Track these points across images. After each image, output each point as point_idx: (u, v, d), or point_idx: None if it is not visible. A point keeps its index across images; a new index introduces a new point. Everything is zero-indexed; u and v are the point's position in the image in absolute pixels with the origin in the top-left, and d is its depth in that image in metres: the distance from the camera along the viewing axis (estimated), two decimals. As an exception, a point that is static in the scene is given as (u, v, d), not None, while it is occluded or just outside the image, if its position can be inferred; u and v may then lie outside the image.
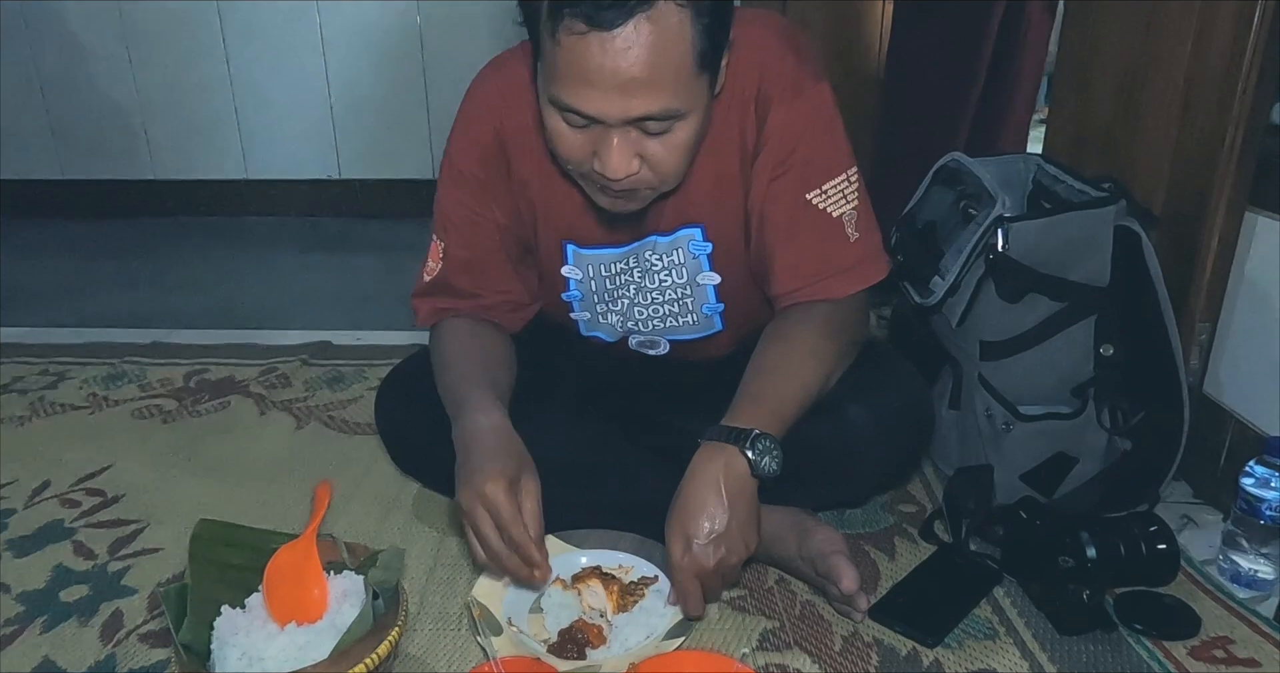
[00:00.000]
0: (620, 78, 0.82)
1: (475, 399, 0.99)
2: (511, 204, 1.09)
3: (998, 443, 1.18)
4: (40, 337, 1.90)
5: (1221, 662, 0.92)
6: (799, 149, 1.01)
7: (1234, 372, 1.19)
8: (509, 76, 1.05)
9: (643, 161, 0.90)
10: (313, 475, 1.30)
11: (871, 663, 0.93)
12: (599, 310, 1.15)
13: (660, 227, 1.07)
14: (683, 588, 0.91)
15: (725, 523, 0.90)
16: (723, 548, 0.90)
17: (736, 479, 0.91)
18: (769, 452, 0.91)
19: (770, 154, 1.01)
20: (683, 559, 0.90)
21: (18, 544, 1.17)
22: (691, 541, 0.90)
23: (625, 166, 0.88)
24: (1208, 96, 1.17)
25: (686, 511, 0.91)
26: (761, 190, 1.03)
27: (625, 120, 0.85)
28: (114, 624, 1.01)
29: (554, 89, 0.86)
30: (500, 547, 0.90)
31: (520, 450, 0.95)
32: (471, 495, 0.90)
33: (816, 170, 1.02)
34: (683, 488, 0.92)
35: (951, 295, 1.18)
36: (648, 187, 0.93)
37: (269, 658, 0.83)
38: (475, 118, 1.07)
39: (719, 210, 1.06)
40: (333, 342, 1.85)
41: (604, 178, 0.90)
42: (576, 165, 0.93)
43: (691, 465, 0.93)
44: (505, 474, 0.90)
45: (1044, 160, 1.28)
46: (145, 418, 1.52)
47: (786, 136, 1.00)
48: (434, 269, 1.12)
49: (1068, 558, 0.97)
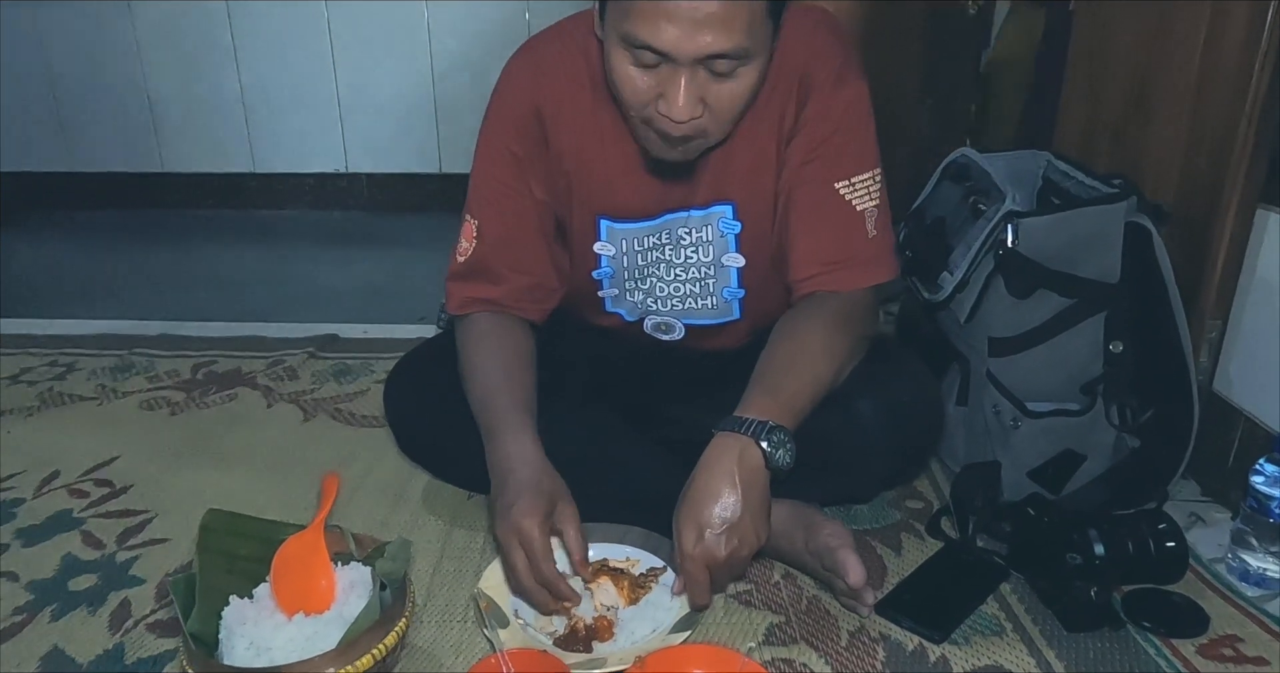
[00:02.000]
0: (698, 13, 0.83)
1: (510, 423, 1.01)
2: (548, 179, 1.10)
3: (1005, 440, 1.17)
4: (48, 328, 1.91)
5: (1230, 660, 0.92)
6: (834, 138, 1.03)
7: (1244, 369, 1.18)
8: (542, 56, 1.07)
9: (705, 108, 0.91)
10: (320, 467, 1.30)
11: (878, 658, 0.93)
12: (627, 288, 1.16)
13: (695, 200, 1.08)
14: (692, 577, 0.91)
15: (738, 514, 0.89)
16: (735, 539, 0.89)
17: (751, 470, 0.91)
18: (783, 444, 0.91)
19: (805, 139, 1.03)
20: (694, 549, 0.90)
21: (27, 533, 1.17)
22: (704, 530, 0.89)
23: (691, 108, 0.89)
24: (1220, 93, 1.16)
25: (699, 500, 0.91)
26: (792, 173, 1.05)
27: (698, 56, 0.86)
28: (122, 614, 1.01)
29: (628, 26, 0.87)
30: (530, 583, 0.93)
31: (554, 479, 0.97)
32: (507, 530, 0.92)
33: (848, 162, 1.04)
34: (695, 477, 0.92)
35: (960, 291, 1.18)
36: (703, 135, 0.94)
37: (276, 648, 0.83)
38: (512, 94, 1.08)
39: (752, 189, 1.07)
40: (340, 335, 1.85)
41: (667, 121, 0.90)
42: (639, 109, 0.93)
43: (705, 455, 0.93)
44: (540, 509, 0.92)
45: (1054, 156, 1.28)
46: (153, 410, 1.53)
47: (824, 124, 1.03)
48: (468, 249, 1.12)
49: (1076, 555, 0.96)
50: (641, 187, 1.07)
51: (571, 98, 1.06)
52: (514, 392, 1.04)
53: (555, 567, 0.92)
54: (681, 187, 1.07)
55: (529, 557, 0.92)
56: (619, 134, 1.05)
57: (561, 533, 0.95)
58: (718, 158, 1.05)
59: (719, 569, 0.91)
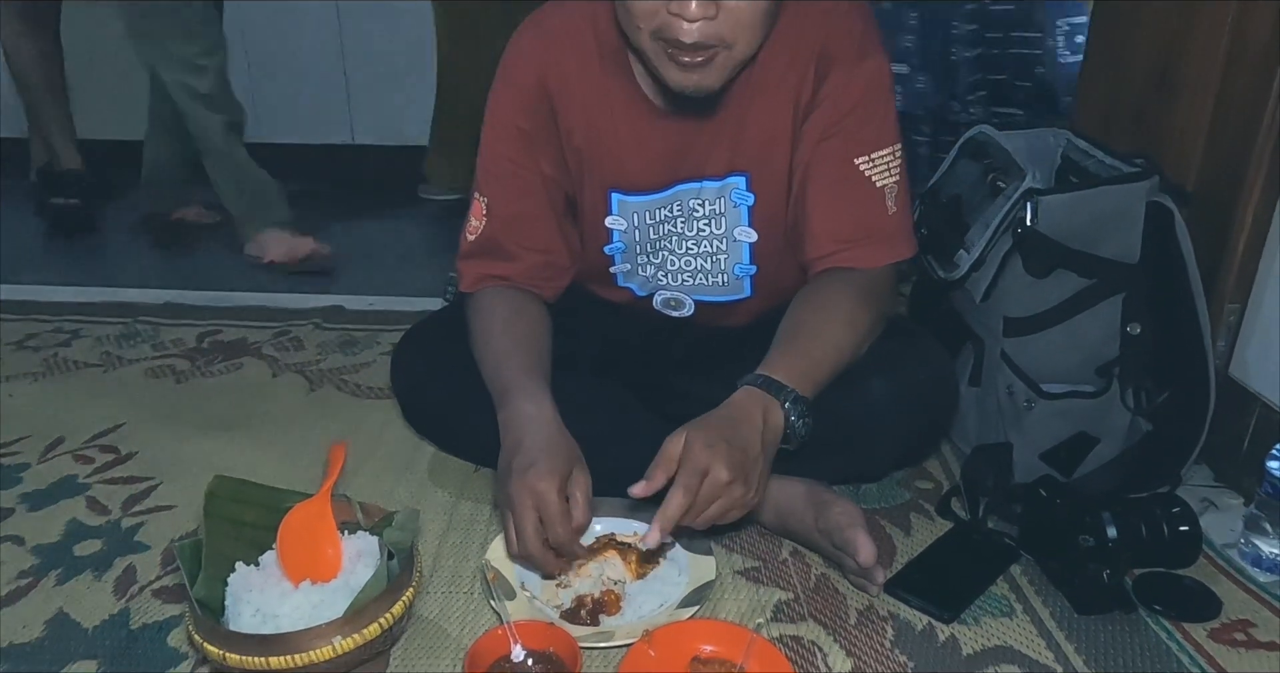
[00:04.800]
0: None
1: (524, 386, 0.99)
2: (558, 154, 1.08)
3: (1018, 421, 1.16)
4: (53, 295, 1.90)
5: (1242, 645, 0.91)
6: (854, 113, 1.01)
7: (1261, 355, 1.17)
8: (549, 28, 1.05)
9: (719, 10, 0.87)
10: (325, 438, 1.30)
11: (886, 637, 0.92)
12: (639, 262, 1.15)
13: (708, 171, 1.06)
14: (685, 481, 0.84)
15: (751, 456, 0.87)
16: (738, 474, 0.85)
17: (771, 430, 0.89)
18: (803, 415, 0.90)
19: (823, 114, 1.02)
20: (701, 459, 0.84)
21: (32, 498, 1.17)
22: (714, 448, 0.85)
23: (703, 8, 0.85)
24: (1246, 74, 1.14)
25: (717, 424, 0.87)
26: (809, 149, 1.03)
27: None
28: (127, 579, 1.01)
29: None
30: (536, 544, 0.90)
31: (571, 445, 0.95)
32: (523, 489, 0.90)
33: (868, 137, 1.02)
34: (714, 412, 0.90)
35: (976, 270, 1.16)
36: (720, 43, 0.89)
37: (283, 616, 0.83)
38: (518, 69, 1.06)
39: (766, 162, 1.05)
40: (345, 306, 1.84)
41: (680, 22, 0.87)
42: (650, 19, 0.89)
43: (729, 401, 0.91)
44: (559, 472, 0.91)
45: (1073, 135, 1.26)
46: (158, 378, 1.52)
47: (843, 99, 1.01)
48: (478, 228, 1.11)
49: (1088, 537, 0.95)
50: (653, 157, 1.06)
51: (580, 70, 1.04)
52: (529, 358, 1.03)
53: (569, 530, 0.90)
54: (694, 156, 1.06)
55: (545, 519, 0.90)
56: (629, 105, 1.04)
57: (570, 498, 0.92)
58: (731, 126, 1.03)
59: (710, 489, 0.85)
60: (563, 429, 0.97)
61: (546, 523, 0.90)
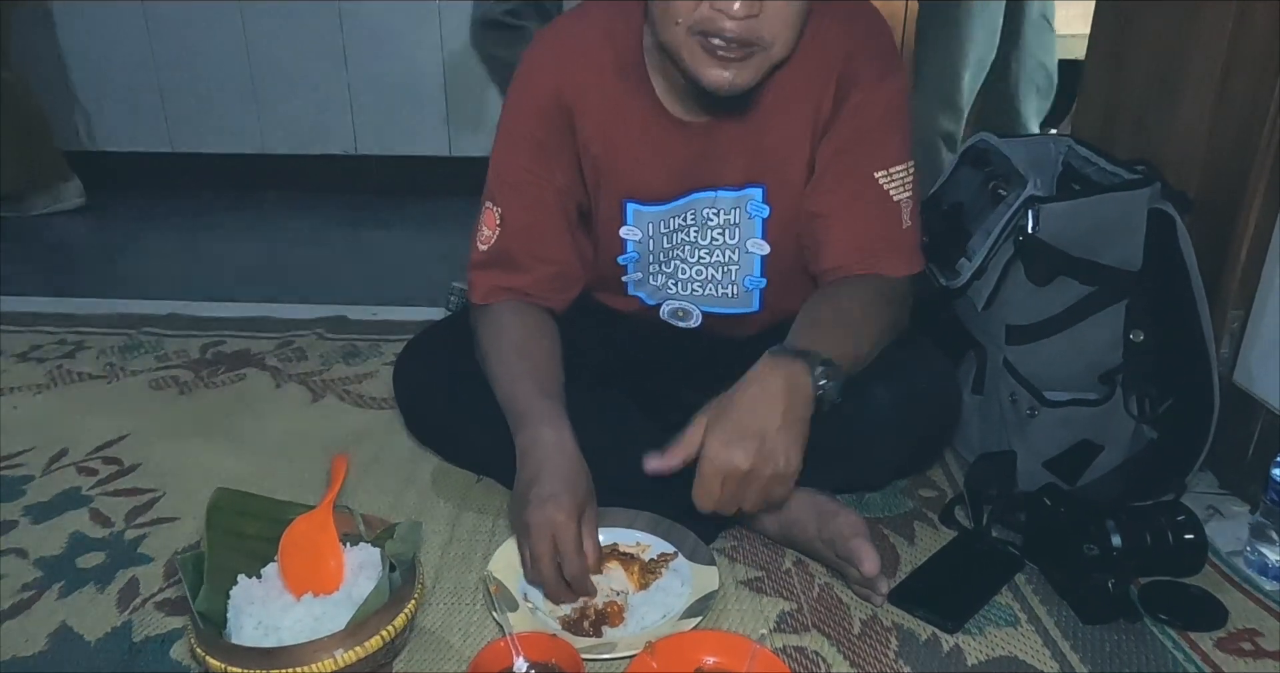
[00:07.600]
0: None
1: (544, 410, 0.99)
2: (572, 164, 1.08)
3: (1021, 429, 1.16)
4: (57, 306, 1.90)
5: (1249, 654, 0.90)
6: (874, 131, 1.02)
7: (1265, 361, 1.16)
8: (567, 39, 1.06)
9: (761, 8, 0.87)
10: (328, 449, 1.30)
11: (890, 648, 0.92)
12: (650, 271, 1.15)
13: (725, 180, 1.07)
14: (705, 480, 0.87)
15: (774, 429, 0.86)
16: (762, 453, 0.86)
17: (798, 393, 0.88)
18: (835, 378, 0.89)
19: (841, 132, 1.03)
20: (717, 450, 0.86)
21: (35, 510, 1.17)
22: (730, 433, 0.86)
23: (747, 7, 0.86)
24: (1247, 80, 1.14)
25: (732, 405, 0.88)
26: (826, 162, 1.04)
27: None
28: (130, 592, 1.01)
29: None
30: (552, 574, 0.92)
31: (588, 478, 0.96)
32: (542, 521, 0.91)
33: (887, 153, 1.03)
34: (733, 389, 0.89)
35: (978, 278, 1.16)
36: (759, 42, 0.90)
37: (285, 628, 0.83)
38: (535, 79, 1.06)
39: (782, 175, 1.06)
40: (349, 316, 1.84)
41: (723, 17, 0.87)
42: (689, 14, 0.89)
43: (750, 373, 0.90)
44: (578, 506, 0.91)
45: (1075, 142, 1.26)
46: (162, 389, 1.52)
47: (863, 117, 1.02)
48: (490, 237, 1.10)
49: (1093, 546, 0.95)
50: (670, 167, 1.06)
51: (596, 82, 1.04)
52: (546, 381, 1.03)
53: (584, 563, 0.92)
54: (711, 164, 1.06)
55: (562, 553, 0.91)
56: (646, 116, 1.04)
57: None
58: (751, 135, 1.03)
59: (734, 483, 0.87)
60: (581, 459, 0.97)
61: (563, 557, 0.91)
